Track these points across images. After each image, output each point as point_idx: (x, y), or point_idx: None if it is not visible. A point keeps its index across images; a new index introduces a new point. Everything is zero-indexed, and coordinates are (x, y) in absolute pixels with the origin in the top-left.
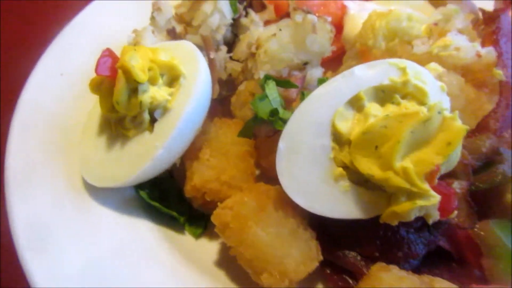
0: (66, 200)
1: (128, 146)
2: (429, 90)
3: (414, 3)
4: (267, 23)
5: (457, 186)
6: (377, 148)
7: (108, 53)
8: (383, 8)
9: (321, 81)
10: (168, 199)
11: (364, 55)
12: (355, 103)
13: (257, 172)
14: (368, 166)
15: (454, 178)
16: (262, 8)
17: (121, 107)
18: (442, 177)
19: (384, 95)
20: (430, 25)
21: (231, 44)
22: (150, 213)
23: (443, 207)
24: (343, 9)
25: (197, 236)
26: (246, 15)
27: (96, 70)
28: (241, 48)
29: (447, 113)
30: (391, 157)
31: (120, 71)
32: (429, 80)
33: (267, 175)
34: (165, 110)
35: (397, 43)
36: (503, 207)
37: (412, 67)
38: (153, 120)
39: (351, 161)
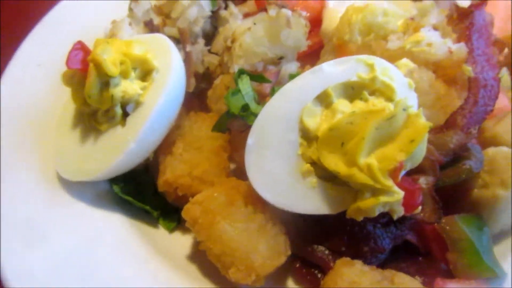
0: (40, 194)
1: (101, 140)
2: (397, 86)
3: None
4: (246, 15)
5: (423, 181)
6: (343, 144)
7: (80, 46)
8: (360, 1)
9: (292, 76)
10: (143, 193)
11: (341, 49)
12: (324, 99)
13: (233, 166)
14: (334, 163)
15: (421, 173)
16: (243, 0)
17: (93, 100)
18: (409, 173)
19: (353, 91)
20: (407, 20)
21: (210, 36)
22: (124, 207)
23: (408, 203)
24: (322, 2)
25: (170, 230)
26: (226, 7)
27: (67, 63)
28: (219, 41)
29: (412, 110)
30: (356, 154)
31: (91, 65)
32: (396, 77)
33: (242, 169)
34: (137, 104)
35: (372, 38)
36: (469, 202)
37: (380, 64)
38: (125, 114)
39: (319, 157)
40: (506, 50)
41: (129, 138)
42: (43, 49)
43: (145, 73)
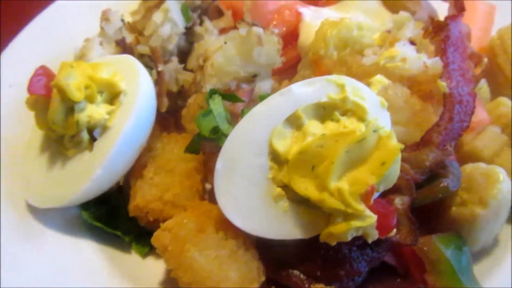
0: (7, 222)
1: (68, 166)
2: (368, 106)
3: (370, 8)
4: (223, 31)
5: (399, 202)
6: (314, 168)
7: (42, 71)
8: (338, 14)
9: (262, 97)
10: (116, 217)
11: (317, 64)
12: (294, 121)
13: (209, 186)
14: (305, 187)
15: (397, 193)
16: (218, 14)
17: (57, 126)
18: (384, 193)
19: (324, 111)
20: (383, 33)
21: (186, 52)
22: (96, 232)
23: (382, 226)
24: (299, 16)
25: (143, 255)
26: (201, 23)
27: (29, 89)
28: (194, 58)
29: (384, 131)
30: (326, 178)
31: (54, 90)
32: (368, 96)
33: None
34: (104, 128)
35: (348, 52)
36: (448, 220)
37: (351, 84)
38: (93, 139)
39: (289, 181)
40: (485, 60)
41: (96, 164)
42: (16, 69)
43: (113, 96)
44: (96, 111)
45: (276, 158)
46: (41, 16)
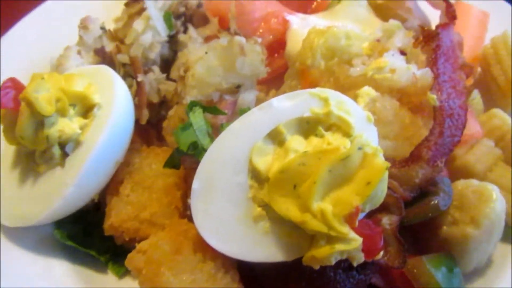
0: None
1: (39, 183)
2: (354, 121)
3: (360, 15)
4: (208, 39)
5: (386, 222)
6: (296, 187)
7: (11, 84)
8: (326, 22)
9: (242, 111)
10: (92, 235)
11: (303, 74)
12: (275, 137)
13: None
14: (286, 207)
15: (384, 212)
16: (204, 22)
17: (26, 141)
18: (372, 212)
19: (308, 126)
20: (372, 42)
21: (170, 61)
22: (70, 252)
23: (368, 248)
24: (286, 24)
25: (120, 276)
26: (185, 31)
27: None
28: (176, 68)
29: (370, 148)
30: (308, 198)
31: (23, 104)
32: (353, 110)
33: None
34: (76, 143)
35: (335, 62)
36: (438, 241)
37: (335, 97)
38: (65, 155)
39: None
40: (478, 70)
41: (68, 181)
42: None
43: (86, 109)
44: (67, 126)
45: (257, 176)
46: (21, 22)
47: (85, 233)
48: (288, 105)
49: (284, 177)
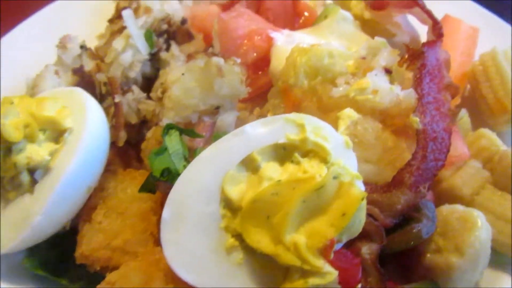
0: None
1: (8, 210)
2: (331, 147)
3: (347, 31)
4: (190, 57)
5: (366, 251)
6: (269, 218)
7: None
8: (312, 38)
9: (216, 136)
10: (68, 261)
11: (286, 94)
12: (249, 164)
13: None
14: (258, 239)
15: (365, 240)
16: (189, 38)
17: None
18: (352, 241)
19: (284, 153)
20: (358, 60)
21: (153, 80)
22: (42, 280)
23: (345, 281)
24: (270, 41)
25: None
26: (168, 48)
27: None
28: (155, 87)
29: (348, 176)
30: (281, 230)
31: None
32: (331, 136)
33: None
34: (46, 170)
35: (319, 81)
36: (422, 269)
37: (312, 123)
38: (34, 181)
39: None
40: (468, 87)
41: (36, 209)
42: None
43: (57, 134)
44: (36, 152)
45: (229, 206)
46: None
47: (60, 259)
48: (263, 131)
49: (256, 207)
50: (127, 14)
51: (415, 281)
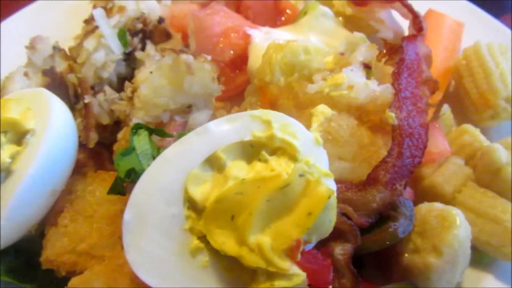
0: None
1: None
2: (300, 144)
3: (327, 28)
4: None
5: (339, 251)
6: (233, 218)
7: None
8: (291, 35)
9: (180, 135)
10: (36, 266)
11: (262, 91)
12: (214, 163)
13: None
14: (222, 240)
15: (339, 239)
16: (166, 37)
17: None
18: (325, 240)
19: (252, 150)
20: (337, 56)
21: (129, 79)
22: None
23: (315, 283)
24: (247, 38)
25: None
26: (144, 47)
27: None
28: (126, 87)
29: (314, 175)
30: (245, 231)
31: None
32: (299, 133)
33: None
34: (7, 173)
35: (295, 78)
36: (400, 269)
37: (279, 120)
38: None
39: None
40: (453, 83)
41: None
42: None
43: (19, 136)
44: None
45: (194, 206)
46: None
47: (28, 264)
48: (227, 128)
49: (220, 207)
50: (98, 13)
51: (394, 281)
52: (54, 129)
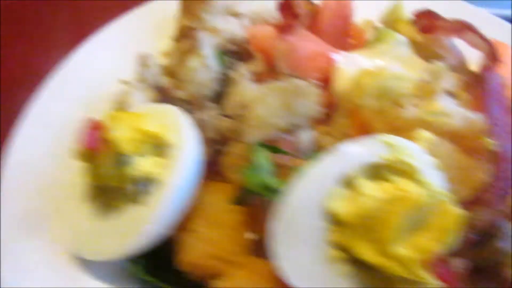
0: (52, 275)
1: (115, 219)
2: (420, 166)
3: (402, 55)
4: (259, 76)
5: (458, 266)
6: (373, 232)
7: (94, 125)
8: (369, 61)
9: (313, 155)
10: (169, 269)
11: (354, 114)
12: (347, 182)
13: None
14: (364, 251)
15: (457, 256)
16: (248, 57)
17: (108, 179)
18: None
19: (377, 172)
20: (420, 83)
21: (221, 97)
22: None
23: None
24: (331, 62)
25: None
26: (233, 66)
27: (82, 144)
28: (230, 104)
29: (444, 195)
30: (386, 243)
31: (106, 143)
32: (418, 155)
33: (261, 243)
34: (153, 182)
35: (388, 103)
36: (502, 283)
37: (401, 143)
38: (142, 192)
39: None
40: None
41: (146, 219)
42: (51, 110)
43: (161, 149)
44: (144, 164)
45: (334, 220)
46: (75, 55)
47: (162, 267)
48: (357, 150)
49: (361, 222)
50: (202, 36)
51: None
52: (190, 141)
